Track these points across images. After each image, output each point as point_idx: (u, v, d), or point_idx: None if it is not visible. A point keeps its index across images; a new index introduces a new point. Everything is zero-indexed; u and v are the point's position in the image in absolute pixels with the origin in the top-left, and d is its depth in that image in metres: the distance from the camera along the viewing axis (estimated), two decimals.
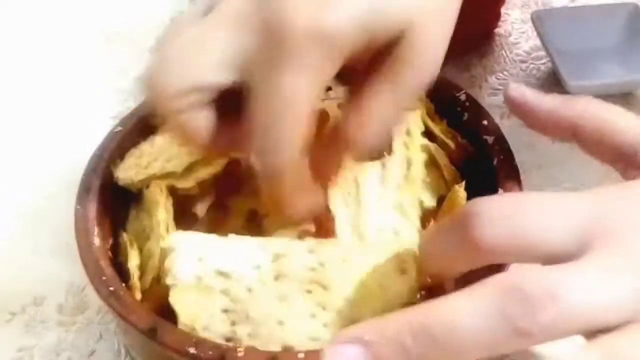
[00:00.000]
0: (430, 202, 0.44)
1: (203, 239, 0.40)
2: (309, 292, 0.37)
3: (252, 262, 0.38)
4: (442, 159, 0.45)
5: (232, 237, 0.40)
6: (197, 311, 0.37)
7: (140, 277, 0.40)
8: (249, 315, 0.37)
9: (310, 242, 0.39)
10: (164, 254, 0.39)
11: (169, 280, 0.38)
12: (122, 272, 0.41)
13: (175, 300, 0.37)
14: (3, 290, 0.52)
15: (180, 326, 0.37)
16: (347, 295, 0.37)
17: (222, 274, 0.38)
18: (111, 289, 0.38)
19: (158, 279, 0.40)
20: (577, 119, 0.38)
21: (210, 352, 0.35)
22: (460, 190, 0.42)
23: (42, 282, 0.52)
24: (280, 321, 0.37)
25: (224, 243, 0.39)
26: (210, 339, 0.36)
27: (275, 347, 0.36)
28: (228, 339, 0.37)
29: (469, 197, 0.43)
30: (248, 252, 0.39)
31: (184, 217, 0.43)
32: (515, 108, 0.41)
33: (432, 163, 0.45)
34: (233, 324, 0.37)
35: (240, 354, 0.35)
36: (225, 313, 0.37)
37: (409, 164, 0.45)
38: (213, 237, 0.40)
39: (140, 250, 0.42)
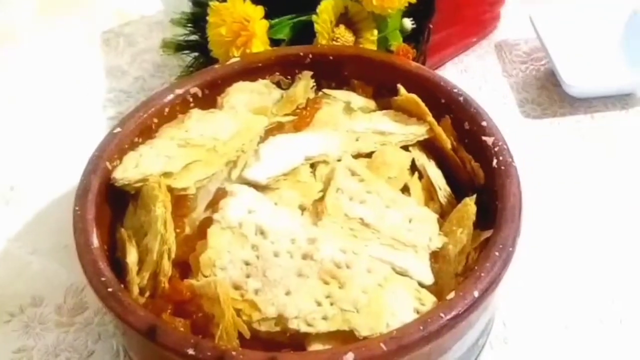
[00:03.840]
0: None
1: (261, 198, 0.43)
2: (326, 282, 0.39)
3: (290, 234, 0.41)
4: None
5: (284, 209, 0.43)
6: (223, 251, 0.40)
7: (138, 273, 0.40)
8: (265, 274, 0.39)
9: (348, 242, 0.41)
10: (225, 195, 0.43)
11: (216, 216, 0.42)
12: (119, 268, 0.41)
13: (212, 233, 0.41)
14: (2, 291, 0.51)
15: (203, 258, 0.40)
16: (357, 303, 0.38)
17: (260, 230, 0.41)
18: (110, 290, 0.38)
19: (155, 275, 0.40)
20: None
21: (209, 353, 0.35)
22: (470, 204, 0.43)
23: (41, 283, 0.52)
24: (288, 291, 0.39)
25: (276, 210, 0.43)
26: (219, 279, 0.39)
27: (272, 312, 0.38)
28: (236, 287, 0.39)
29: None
30: (291, 225, 0.42)
31: (180, 218, 0.43)
32: None
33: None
34: (247, 276, 0.40)
35: (238, 355, 0.35)
36: (246, 265, 0.40)
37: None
38: (270, 202, 0.43)
39: (138, 246, 0.42)
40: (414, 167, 0.47)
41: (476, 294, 0.37)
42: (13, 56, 0.72)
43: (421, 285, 0.41)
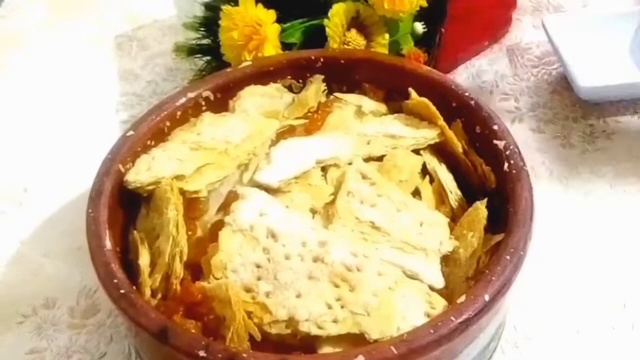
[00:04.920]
0: None
1: (272, 201, 0.43)
2: (337, 285, 0.39)
3: (301, 237, 0.41)
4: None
5: (295, 212, 0.43)
6: (235, 254, 0.40)
7: (150, 275, 0.41)
8: (276, 276, 0.40)
9: (359, 245, 0.41)
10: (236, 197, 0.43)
11: (228, 219, 0.42)
12: (131, 270, 0.41)
13: (224, 236, 0.41)
14: (15, 293, 0.52)
15: (214, 260, 0.40)
16: (367, 306, 0.38)
17: (272, 233, 0.41)
18: (122, 291, 0.39)
19: (167, 277, 0.40)
20: None
21: (220, 355, 0.35)
22: (481, 208, 0.43)
23: (54, 285, 0.52)
24: (299, 294, 0.39)
25: (287, 213, 0.43)
26: (231, 282, 0.39)
27: (282, 315, 0.38)
28: (247, 289, 0.39)
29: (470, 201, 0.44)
30: (302, 228, 0.42)
31: (192, 220, 0.44)
32: None
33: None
34: (258, 278, 0.40)
35: (248, 358, 0.35)
36: (257, 267, 0.40)
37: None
38: (281, 205, 0.43)
39: (150, 248, 0.42)
40: (425, 171, 0.47)
41: (487, 297, 0.37)
42: (26, 60, 0.72)
43: (432, 288, 0.41)
